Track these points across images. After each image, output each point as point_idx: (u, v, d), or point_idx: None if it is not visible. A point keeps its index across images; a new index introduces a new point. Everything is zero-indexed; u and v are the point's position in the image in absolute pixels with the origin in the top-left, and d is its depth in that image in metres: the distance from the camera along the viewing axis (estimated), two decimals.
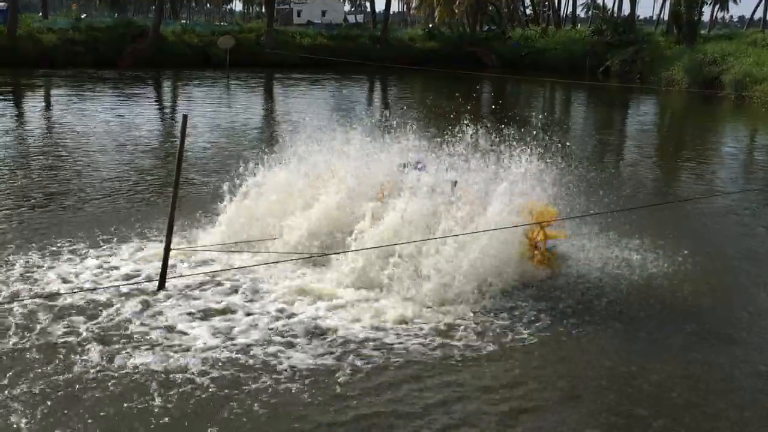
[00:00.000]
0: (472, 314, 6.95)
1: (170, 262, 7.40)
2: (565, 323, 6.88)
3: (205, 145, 16.10)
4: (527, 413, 5.40)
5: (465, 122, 8.55)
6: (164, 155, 15.11)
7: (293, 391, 5.51)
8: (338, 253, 7.69)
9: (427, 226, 7.57)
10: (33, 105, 23.93)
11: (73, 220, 9.64)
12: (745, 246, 9.82)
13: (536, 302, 7.30)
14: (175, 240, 7.55)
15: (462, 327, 6.70)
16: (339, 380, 5.68)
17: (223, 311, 6.86)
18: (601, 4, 77.97)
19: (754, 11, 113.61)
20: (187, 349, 6.05)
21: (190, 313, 6.76)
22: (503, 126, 8.69)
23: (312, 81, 34.29)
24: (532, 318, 6.94)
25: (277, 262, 7.74)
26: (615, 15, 60.18)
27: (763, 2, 69.48)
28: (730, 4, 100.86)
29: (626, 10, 60.53)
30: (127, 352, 5.96)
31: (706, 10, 68.77)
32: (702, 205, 11.78)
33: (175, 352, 6.01)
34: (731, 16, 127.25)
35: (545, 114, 25.58)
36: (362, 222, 7.86)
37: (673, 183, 14.86)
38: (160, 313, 6.74)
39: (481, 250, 7.33)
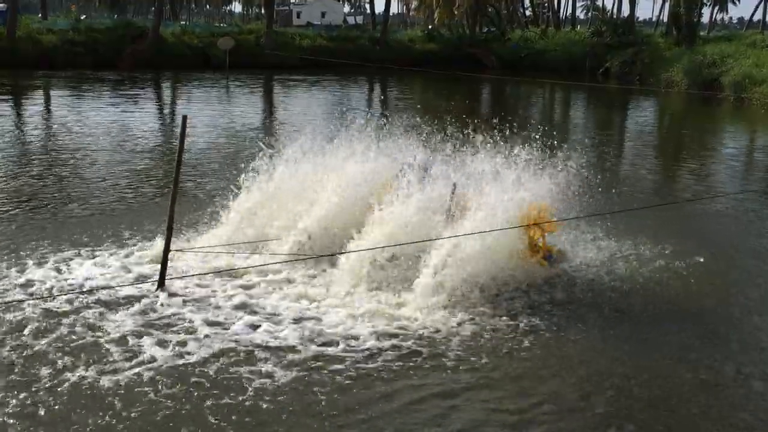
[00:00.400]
0: (470, 318, 6.90)
1: (169, 262, 7.38)
2: (566, 325, 6.86)
3: (204, 146, 16.09)
4: (524, 418, 5.37)
5: (464, 124, 8.54)
6: (163, 156, 15.09)
7: (284, 400, 5.42)
8: (338, 254, 7.67)
9: (426, 231, 7.56)
10: (32, 106, 23.90)
11: (71, 221, 9.62)
12: (747, 246, 9.81)
13: (536, 304, 7.27)
14: (174, 241, 7.53)
15: (461, 331, 6.65)
16: (331, 389, 5.57)
17: (222, 314, 6.82)
18: (601, 5, 78.18)
19: (754, 12, 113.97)
20: (185, 353, 6.02)
21: (189, 316, 6.72)
22: (502, 127, 8.68)
23: (312, 82, 34.29)
24: (532, 320, 6.91)
25: (277, 263, 7.73)
26: (614, 16, 60.28)
27: (762, 3, 69.62)
28: (729, 6, 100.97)
29: (626, 11, 60.62)
30: (123, 356, 5.93)
31: (706, 12, 69.00)
32: (703, 206, 11.77)
33: (173, 355, 5.98)
34: (730, 18, 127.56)
35: (545, 115, 25.60)
36: (361, 224, 7.85)
37: (674, 184, 14.85)
38: (158, 315, 6.71)
39: (480, 252, 7.30)
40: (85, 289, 7.15)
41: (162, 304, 6.91)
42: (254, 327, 6.55)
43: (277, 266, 7.77)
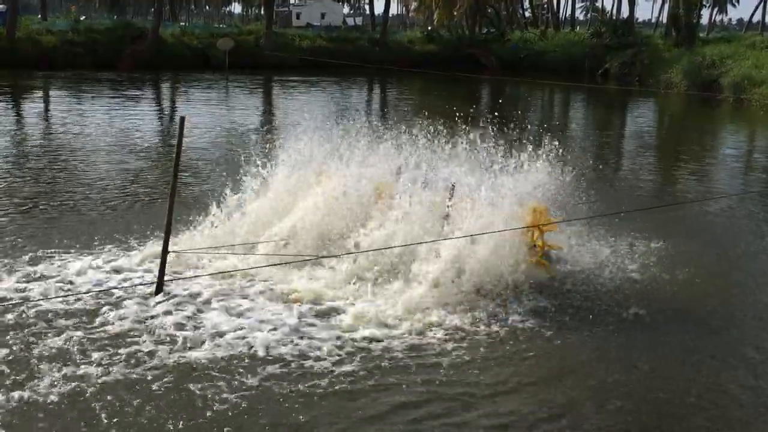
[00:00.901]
0: (469, 321, 6.83)
1: (168, 264, 7.34)
2: (568, 327, 6.81)
3: (203, 147, 16.05)
4: (523, 424, 5.33)
5: (465, 125, 8.53)
6: (162, 157, 15.05)
7: (278, 404, 5.37)
8: (337, 256, 7.63)
9: (425, 231, 7.53)
10: (32, 106, 23.88)
11: (69, 223, 9.58)
12: (750, 247, 9.78)
13: (536, 306, 7.21)
14: (172, 242, 7.49)
15: (459, 334, 6.59)
16: (328, 395, 5.50)
17: (220, 315, 6.77)
18: (600, 6, 78.21)
19: (753, 14, 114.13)
20: (181, 355, 5.98)
21: (186, 318, 6.67)
22: (503, 128, 8.66)
23: (311, 83, 34.28)
24: (532, 323, 6.85)
25: (275, 264, 7.70)
26: (614, 17, 60.28)
27: (761, 5, 69.69)
28: (729, 7, 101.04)
29: (625, 12, 60.64)
30: (119, 358, 5.88)
31: (705, 13, 69.04)
32: (705, 207, 11.73)
33: (169, 357, 5.94)
34: (729, 19, 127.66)
35: (544, 117, 25.58)
36: (361, 224, 7.83)
37: (675, 185, 14.82)
38: (156, 317, 6.66)
39: (479, 253, 7.27)
40: (79, 292, 7.11)
41: (159, 307, 6.85)
42: (252, 330, 6.49)
43: (276, 268, 7.73)
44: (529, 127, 8.64)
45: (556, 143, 8.33)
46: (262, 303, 7.09)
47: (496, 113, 8.92)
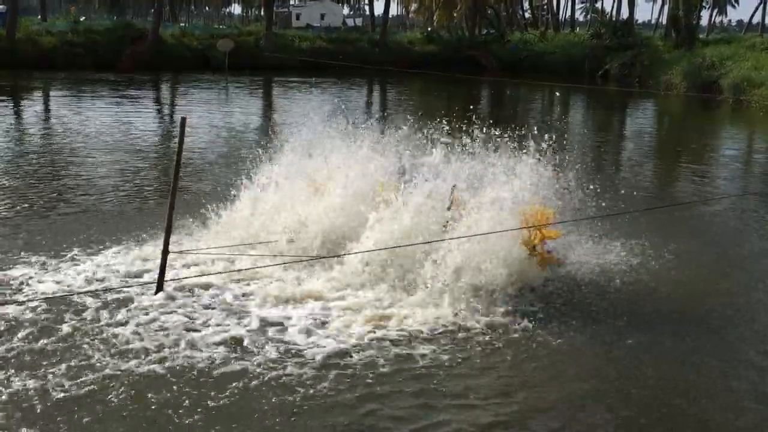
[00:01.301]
0: (467, 321, 6.79)
1: (168, 264, 7.33)
2: (568, 328, 6.79)
3: (204, 148, 16.05)
4: (521, 420, 5.33)
5: (464, 125, 8.53)
6: (162, 157, 15.06)
7: (285, 403, 5.36)
8: (339, 256, 7.62)
9: (425, 231, 7.51)
10: (31, 107, 23.89)
11: (69, 223, 9.56)
12: (751, 248, 9.76)
13: (537, 307, 7.19)
14: (173, 242, 7.48)
15: (456, 333, 6.57)
16: (330, 390, 5.49)
17: (220, 316, 6.76)
18: (600, 7, 78.31)
19: (753, 15, 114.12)
20: (180, 355, 5.96)
21: (186, 318, 6.66)
22: (502, 129, 8.65)
23: (311, 84, 34.29)
24: (533, 324, 6.81)
25: (277, 264, 7.69)
26: (613, 18, 60.38)
27: (761, 6, 69.80)
28: (728, 8, 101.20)
29: (625, 13, 60.81)
30: (119, 357, 5.87)
31: (705, 14, 69.15)
32: (706, 208, 11.73)
33: (168, 357, 5.92)
34: (729, 20, 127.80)
35: (545, 118, 25.60)
36: (363, 225, 7.82)
37: (676, 186, 14.82)
38: (156, 317, 6.63)
39: (476, 254, 7.25)
40: (79, 291, 7.10)
41: (160, 308, 6.83)
42: (250, 331, 6.47)
43: (277, 268, 7.72)
44: (528, 128, 8.63)
45: (557, 145, 8.32)
46: (259, 305, 7.04)
47: (495, 114, 8.91)
